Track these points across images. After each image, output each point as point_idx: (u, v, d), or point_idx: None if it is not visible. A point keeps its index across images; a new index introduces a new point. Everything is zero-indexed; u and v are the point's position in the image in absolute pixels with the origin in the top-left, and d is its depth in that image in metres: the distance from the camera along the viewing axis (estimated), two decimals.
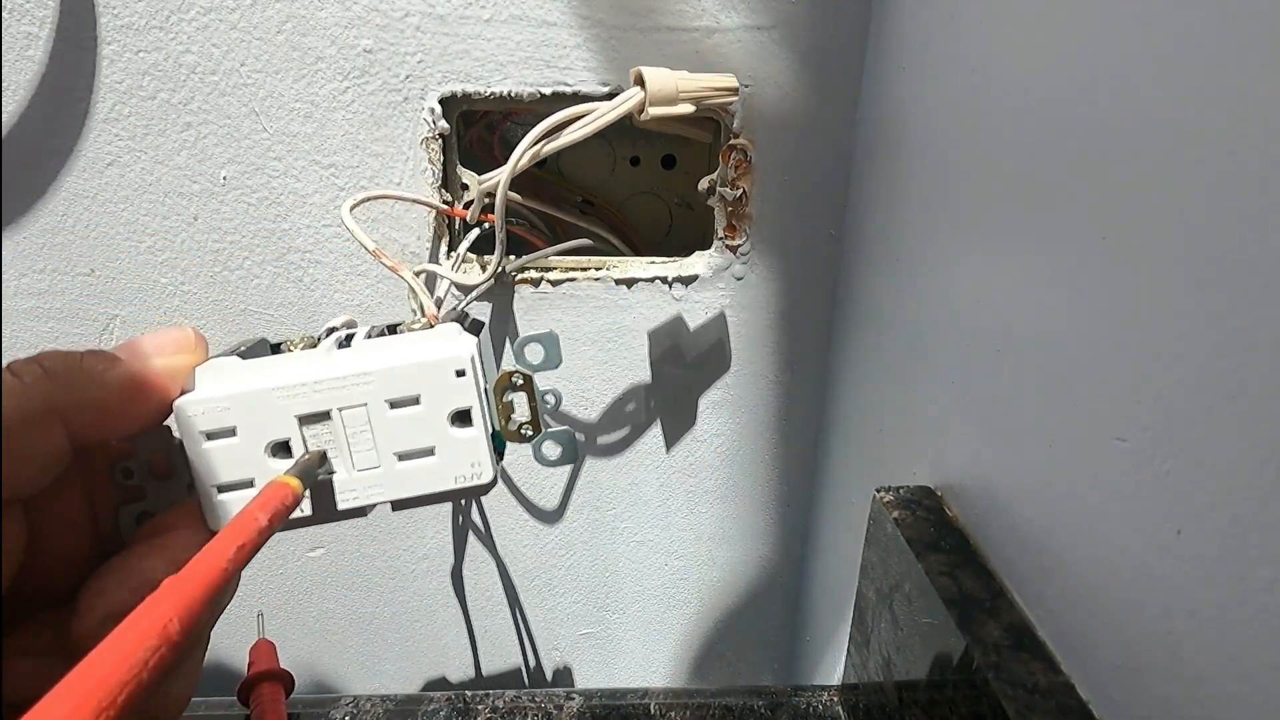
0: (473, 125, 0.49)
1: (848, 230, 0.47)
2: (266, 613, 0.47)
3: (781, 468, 0.55)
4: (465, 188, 0.45)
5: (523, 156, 0.38)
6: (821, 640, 0.53)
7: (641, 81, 0.37)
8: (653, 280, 0.48)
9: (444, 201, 0.45)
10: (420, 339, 0.25)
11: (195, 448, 0.23)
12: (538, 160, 0.38)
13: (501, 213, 0.40)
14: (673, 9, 0.41)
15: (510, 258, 0.45)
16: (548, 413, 0.28)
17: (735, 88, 0.40)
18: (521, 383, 0.27)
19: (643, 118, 0.37)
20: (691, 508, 0.56)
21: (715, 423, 0.53)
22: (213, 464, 0.23)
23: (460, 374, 0.24)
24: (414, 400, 0.24)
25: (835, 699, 0.40)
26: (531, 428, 0.28)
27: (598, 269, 0.48)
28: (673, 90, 0.37)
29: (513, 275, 0.47)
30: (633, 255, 0.50)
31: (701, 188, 0.46)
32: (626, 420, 0.52)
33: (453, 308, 0.44)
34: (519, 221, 0.51)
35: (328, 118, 0.43)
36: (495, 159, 0.50)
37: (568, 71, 0.43)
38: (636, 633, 0.61)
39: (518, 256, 0.46)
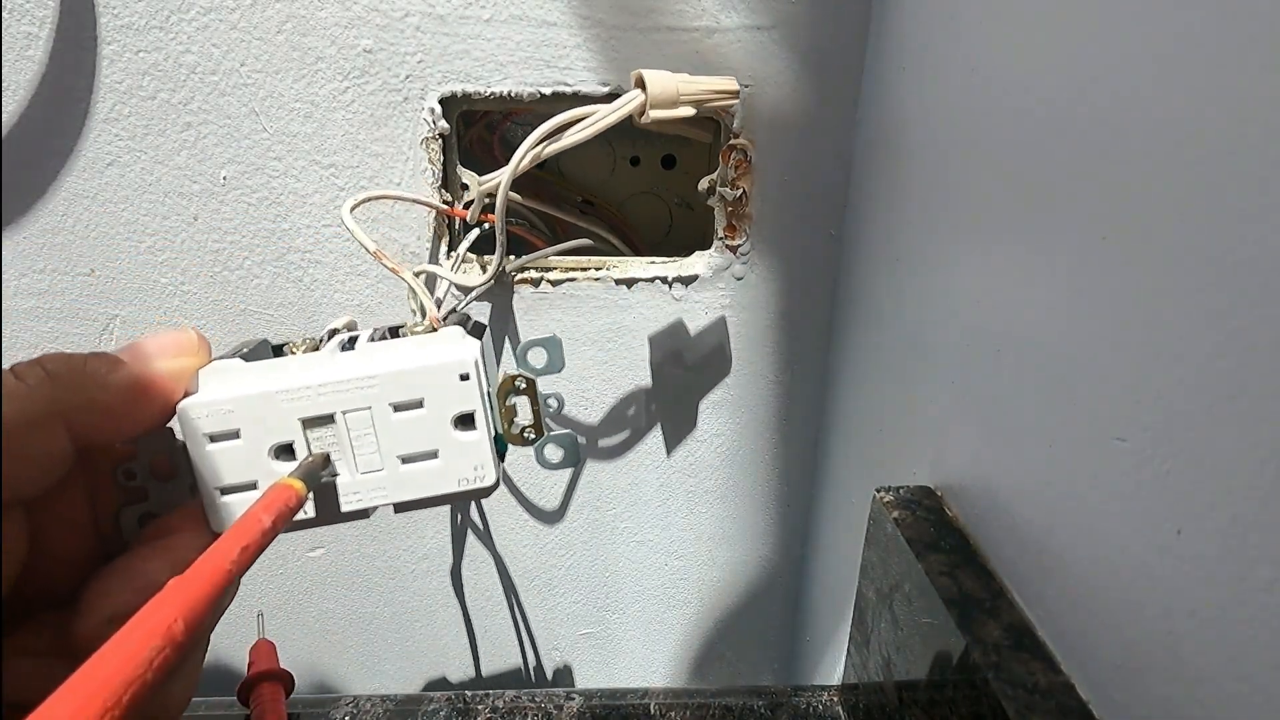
0: (473, 125, 0.49)
1: (848, 230, 0.47)
2: (266, 613, 0.47)
3: (781, 468, 0.55)
4: (465, 188, 0.45)
5: (524, 158, 0.38)
6: (821, 640, 0.53)
7: (642, 84, 0.37)
8: (653, 280, 0.48)
9: (444, 201, 0.45)
10: (424, 342, 0.25)
11: (199, 450, 0.23)
12: (538, 162, 0.38)
13: (502, 214, 0.40)
14: (673, 9, 0.41)
15: (510, 258, 0.45)
16: (550, 416, 0.28)
17: (736, 90, 0.40)
18: (524, 386, 0.27)
19: (643, 120, 0.37)
20: (691, 508, 0.56)
21: (715, 423, 0.53)
22: (216, 466, 0.23)
23: (464, 378, 0.24)
24: (418, 404, 0.24)
25: (835, 699, 0.40)
26: (534, 431, 0.28)
27: (598, 269, 0.48)
28: (673, 93, 0.37)
29: (512, 275, 0.47)
30: (633, 255, 0.50)
31: (701, 188, 0.46)
32: (626, 420, 0.52)
33: (452, 308, 0.44)
34: (519, 221, 0.51)
35: (328, 118, 0.43)
36: (495, 159, 0.50)
37: (568, 71, 0.43)
38: (636, 633, 0.61)
39: (518, 256, 0.46)
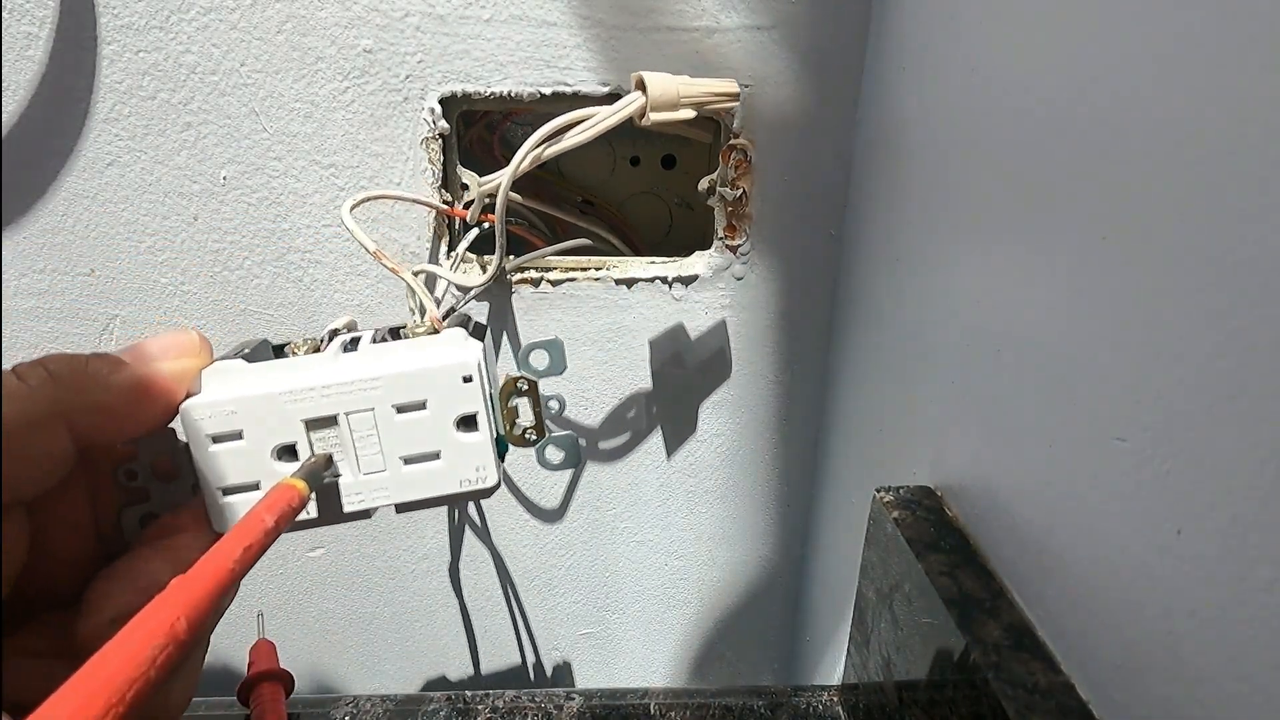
0: (473, 125, 0.49)
1: (848, 230, 0.47)
2: (266, 613, 0.47)
3: (781, 468, 0.55)
4: (465, 188, 0.45)
5: (524, 160, 0.38)
6: (821, 640, 0.53)
7: (643, 86, 0.37)
8: (653, 280, 0.48)
9: (444, 201, 0.45)
10: (426, 344, 0.25)
11: (201, 450, 0.23)
12: (539, 163, 0.38)
13: (502, 215, 0.40)
14: (673, 9, 0.41)
15: (510, 258, 0.45)
16: (550, 418, 0.28)
17: (736, 93, 0.40)
18: (526, 388, 0.27)
19: (643, 123, 0.37)
20: (691, 508, 0.56)
21: (715, 423, 0.53)
22: (219, 467, 0.23)
23: (467, 380, 0.24)
24: (420, 405, 0.24)
25: (835, 699, 0.40)
26: (535, 432, 0.28)
27: (598, 269, 0.48)
28: (674, 96, 0.37)
29: (512, 276, 0.47)
30: (633, 255, 0.50)
31: (701, 188, 0.46)
32: (626, 420, 0.52)
33: (451, 307, 0.44)
34: (519, 221, 0.51)
35: (328, 118, 0.43)
36: (495, 159, 0.50)
37: (568, 71, 0.43)
38: (636, 633, 0.61)
39: (517, 256, 0.46)
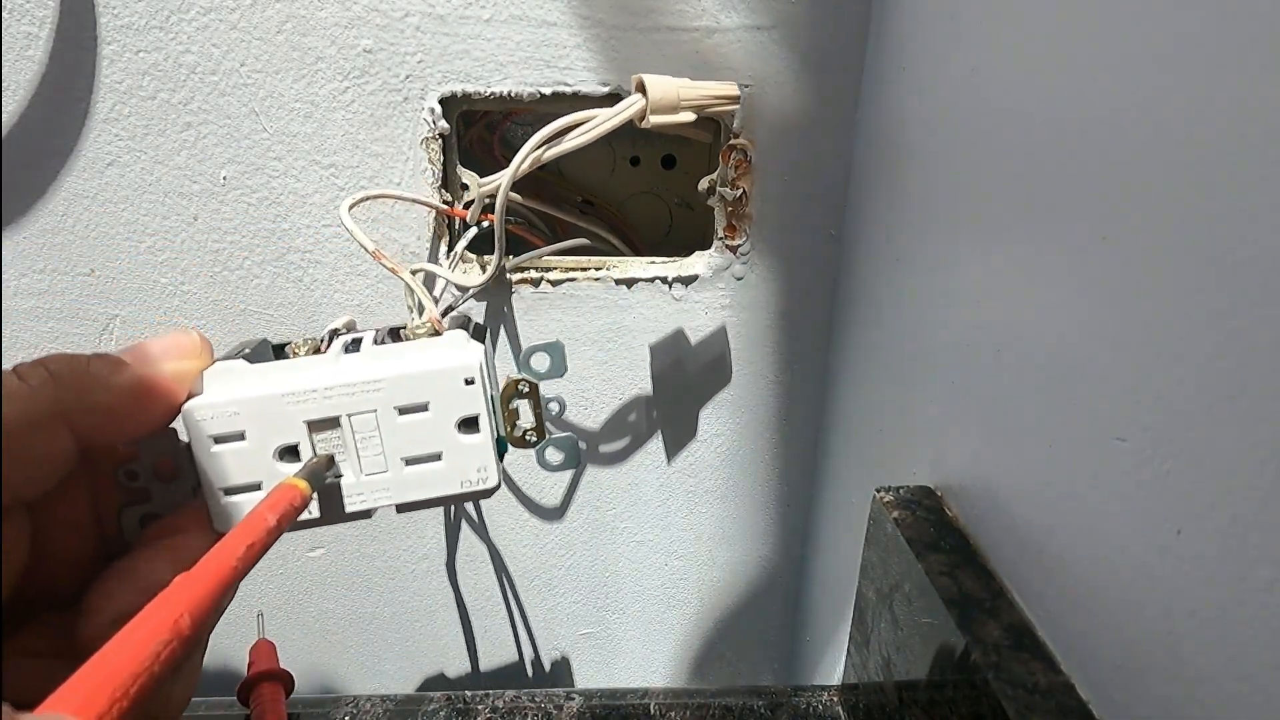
0: (473, 125, 0.49)
1: (848, 230, 0.47)
2: (266, 613, 0.47)
3: (781, 468, 0.55)
4: (465, 188, 0.45)
5: (524, 161, 0.38)
6: (821, 640, 0.53)
7: (643, 89, 0.37)
8: (653, 280, 0.48)
9: (444, 201, 0.45)
10: (428, 346, 0.26)
11: (203, 451, 0.23)
12: (539, 165, 0.38)
13: (501, 216, 0.40)
14: (673, 9, 0.41)
15: (509, 258, 0.45)
16: (551, 420, 0.29)
17: (736, 96, 0.40)
18: (527, 390, 0.28)
19: (643, 125, 0.37)
20: (691, 508, 0.56)
21: (715, 423, 0.53)
22: (221, 467, 0.23)
23: (469, 382, 0.25)
24: (423, 407, 0.24)
25: (835, 699, 0.40)
26: (536, 434, 0.28)
27: (598, 269, 0.48)
28: (674, 99, 0.37)
29: (512, 275, 0.47)
30: (633, 255, 0.50)
31: (701, 188, 0.46)
32: (626, 420, 0.52)
33: (450, 305, 0.44)
34: (518, 221, 0.51)
35: (328, 118, 0.43)
36: (495, 159, 0.50)
37: (568, 71, 0.43)
38: (636, 633, 0.61)
39: (516, 256, 0.46)
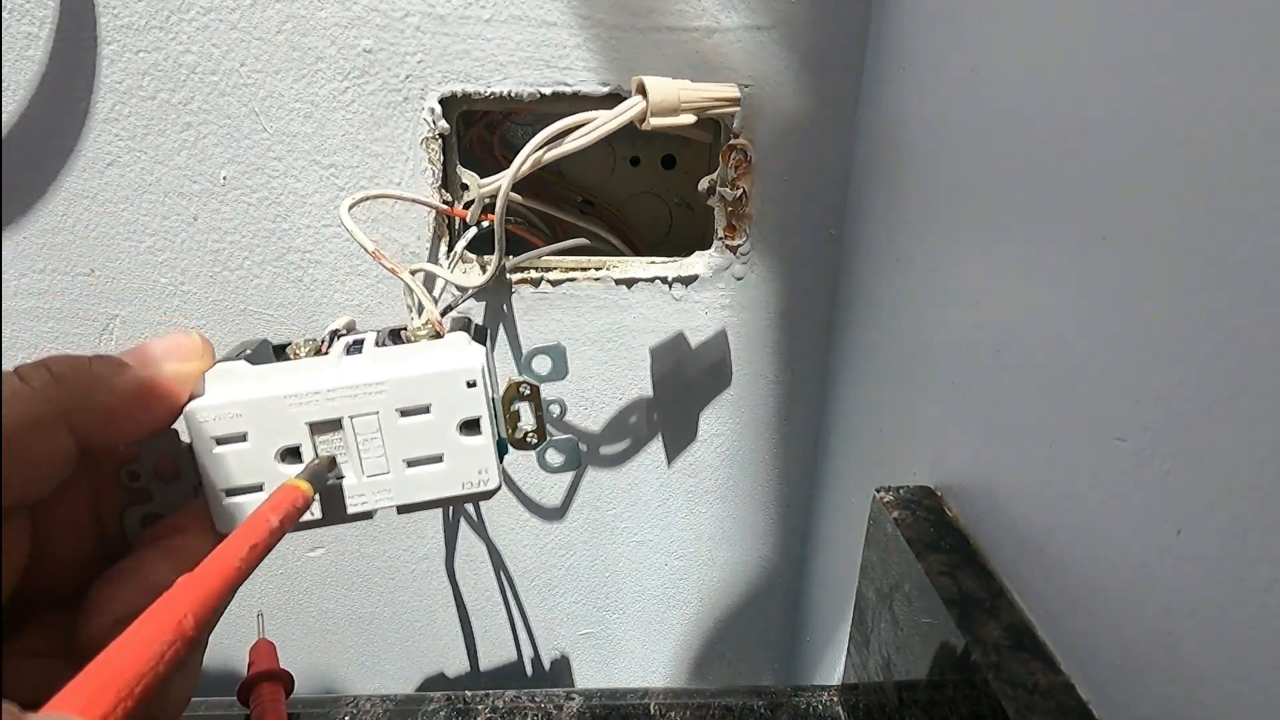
0: (473, 125, 0.49)
1: (848, 230, 0.47)
2: (266, 613, 0.47)
3: (781, 468, 0.55)
4: (465, 188, 0.45)
5: (525, 163, 0.38)
6: (821, 640, 0.53)
7: (643, 91, 0.37)
8: (653, 280, 0.48)
9: (444, 201, 0.45)
10: (430, 348, 0.26)
11: (205, 452, 0.23)
12: (539, 167, 0.38)
13: (501, 217, 0.40)
14: (673, 9, 0.41)
15: (509, 258, 0.45)
16: (552, 422, 0.29)
17: (737, 98, 0.39)
18: (529, 393, 0.28)
19: (644, 127, 0.37)
20: (691, 508, 0.56)
21: (715, 423, 0.53)
22: (223, 468, 0.23)
23: (471, 385, 0.25)
24: (424, 409, 0.25)
25: (835, 699, 0.40)
26: (537, 436, 0.28)
27: (598, 269, 0.48)
28: (674, 101, 0.37)
29: (512, 275, 0.47)
30: (633, 255, 0.50)
31: (701, 188, 0.46)
32: (626, 420, 0.52)
33: (449, 305, 0.44)
34: (518, 221, 0.51)
35: (328, 118, 0.43)
36: (495, 159, 0.50)
37: (568, 71, 0.43)
38: (636, 633, 0.61)
39: (516, 255, 0.46)
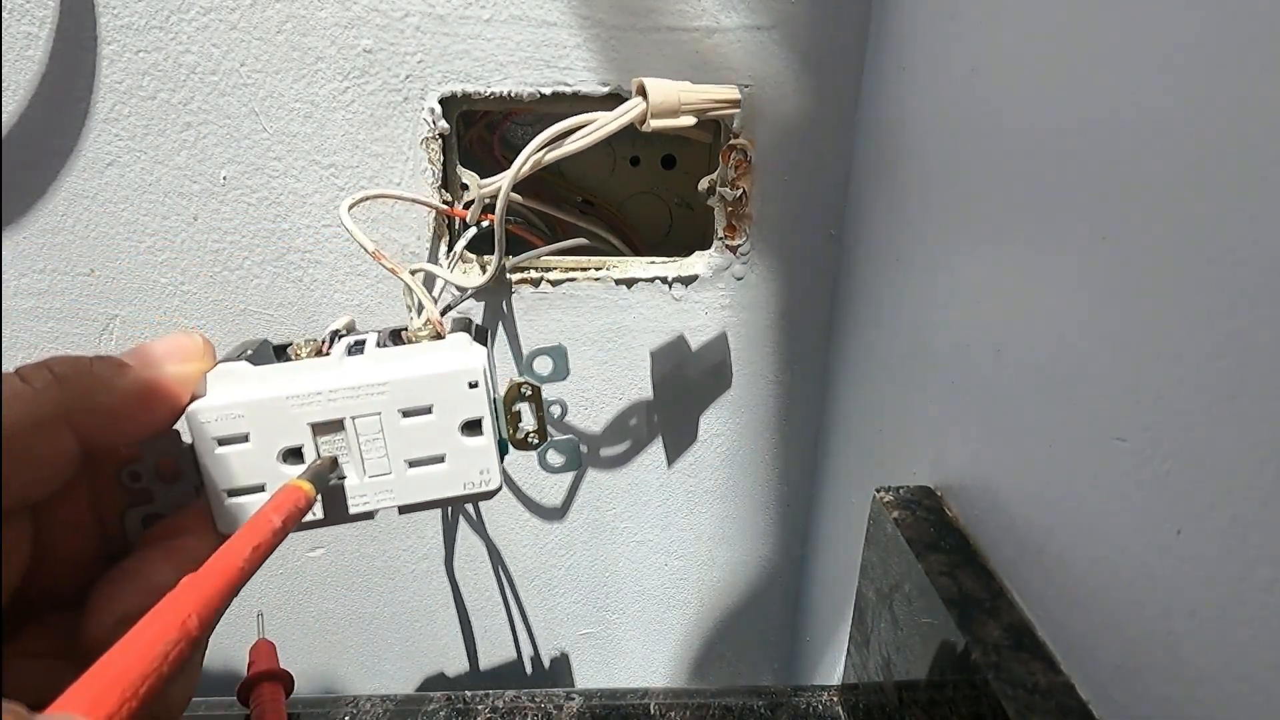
0: (473, 125, 0.49)
1: (848, 230, 0.47)
2: (266, 613, 0.47)
3: (781, 468, 0.55)
4: (465, 188, 0.45)
5: (525, 164, 0.38)
6: (821, 640, 0.53)
7: (644, 92, 0.37)
8: (653, 280, 0.48)
9: (444, 201, 0.45)
10: (431, 349, 0.26)
11: (207, 453, 0.23)
12: (539, 168, 0.38)
13: (501, 217, 0.40)
14: (673, 9, 0.41)
15: (509, 258, 0.45)
16: (552, 422, 0.29)
17: (737, 100, 0.39)
18: (530, 393, 0.28)
19: (644, 129, 0.37)
20: (691, 508, 0.56)
21: (715, 423, 0.53)
22: (225, 469, 0.23)
23: (473, 385, 0.25)
24: (426, 410, 0.25)
25: (835, 699, 0.40)
26: (538, 437, 0.28)
27: (598, 269, 0.48)
28: (675, 103, 0.37)
29: (512, 275, 0.47)
30: (633, 255, 0.50)
31: (701, 188, 0.46)
32: (626, 420, 0.52)
33: (448, 305, 0.44)
34: (518, 220, 0.51)
35: (328, 118, 0.43)
36: (495, 159, 0.50)
37: (568, 71, 0.43)
38: (636, 633, 0.61)
39: (516, 255, 0.46)
